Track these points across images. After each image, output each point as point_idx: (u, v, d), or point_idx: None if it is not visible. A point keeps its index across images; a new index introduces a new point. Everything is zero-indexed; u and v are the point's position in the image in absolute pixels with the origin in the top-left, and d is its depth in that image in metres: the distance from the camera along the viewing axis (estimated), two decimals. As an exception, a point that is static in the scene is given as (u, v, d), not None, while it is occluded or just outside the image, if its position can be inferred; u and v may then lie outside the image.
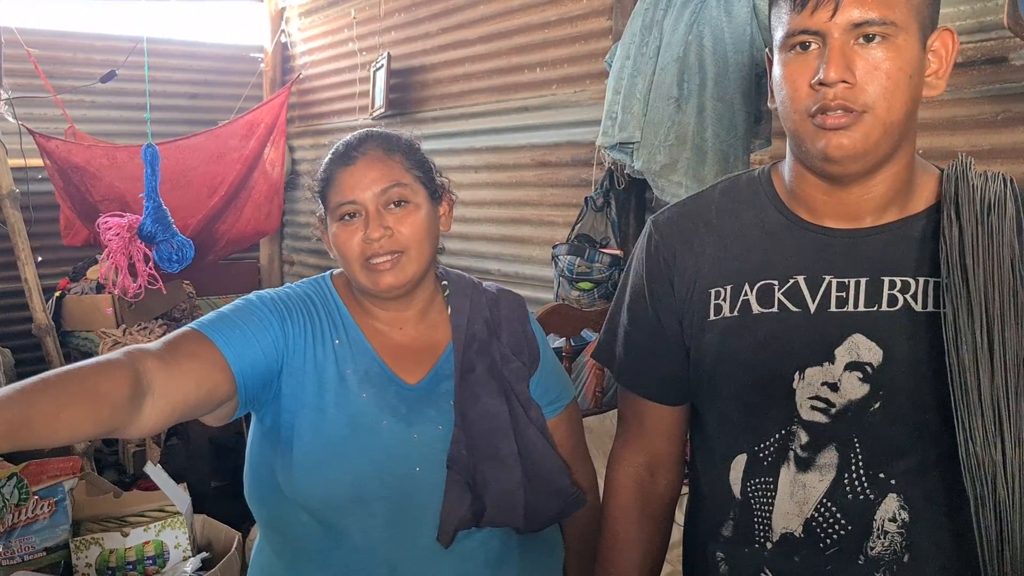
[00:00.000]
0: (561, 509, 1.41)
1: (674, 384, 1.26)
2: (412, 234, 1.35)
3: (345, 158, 1.38)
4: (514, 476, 1.35)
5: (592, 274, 3.19)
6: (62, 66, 5.31)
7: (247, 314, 1.32)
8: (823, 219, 1.14)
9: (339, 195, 1.36)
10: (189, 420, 1.30)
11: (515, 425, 1.38)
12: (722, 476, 1.20)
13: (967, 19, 2.53)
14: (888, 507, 1.09)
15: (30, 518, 2.00)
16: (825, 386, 1.10)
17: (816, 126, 1.05)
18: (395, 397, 1.35)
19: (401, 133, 1.44)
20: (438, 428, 1.35)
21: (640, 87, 2.52)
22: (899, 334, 1.08)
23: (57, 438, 1.03)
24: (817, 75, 1.02)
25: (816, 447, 1.11)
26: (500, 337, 1.45)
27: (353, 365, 1.35)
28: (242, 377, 1.26)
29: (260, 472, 1.37)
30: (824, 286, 1.11)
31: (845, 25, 1.01)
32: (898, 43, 1.01)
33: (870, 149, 1.04)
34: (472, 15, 4.36)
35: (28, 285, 3.53)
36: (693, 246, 1.21)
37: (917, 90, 1.05)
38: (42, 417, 0.98)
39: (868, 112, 1.02)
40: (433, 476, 1.32)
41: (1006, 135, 2.47)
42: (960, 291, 1.01)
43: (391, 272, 1.34)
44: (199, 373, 1.21)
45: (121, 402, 1.08)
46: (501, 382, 1.40)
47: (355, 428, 1.31)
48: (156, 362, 1.15)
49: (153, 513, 2.15)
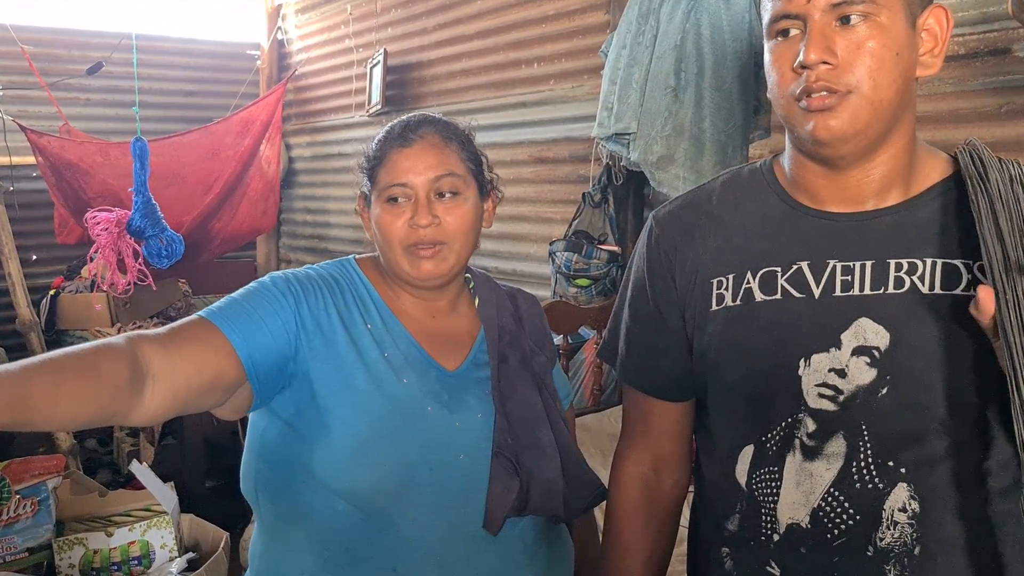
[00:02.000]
0: (591, 500, 1.41)
1: (678, 379, 1.24)
2: (459, 226, 1.32)
3: (402, 139, 1.33)
4: (554, 464, 1.34)
5: (590, 270, 3.19)
6: (57, 63, 5.30)
7: (257, 297, 1.27)
8: (825, 204, 1.11)
9: (391, 176, 1.32)
10: (200, 411, 1.24)
11: (549, 416, 1.38)
12: (728, 469, 1.17)
13: (970, 10, 2.51)
14: (898, 497, 1.05)
15: (12, 518, 1.96)
16: (832, 372, 1.07)
17: (803, 109, 1.03)
18: (436, 383, 1.32)
19: (459, 122, 1.41)
20: (478, 416, 1.32)
21: (636, 77, 2.49)
22: (907, 317, 1.05)
23: (58, 414, 0.99)
24: (798, 58, 1.01)
25: (824, 435, 1.08)
26: (525, 330, 1.44)
27: (393, 349, 1.32)
28: (251, 362, 1.21)
29: (278, 464, 1.31)
30: (828, 271, 1.09)
31: (824, 6, 1.00)
32: (881, 21, 1.00)
33: (860, 129, 1.02)
34: (468, 10, 4.36)
35: (12, 280, 3.49)
36: (694, 238, 1.19)
37: (908, 69, 1.03)
38: (42, 393, 0.94)
39: (853, 92, 1.01)
40: (477, 464, 1.30)
41: (1010, 127, 2.45)
42: (996, 256, 0.96)
43: (431, 261, 1.31)
44: (201, 357, 1.16)
45: (122, 384, 1.04)
46: (533, 374, 1.40)
47: (402, 412, 1.28)
48: (155, 346, 1.11)
49: (139, 512, 2.11)
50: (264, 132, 4.89)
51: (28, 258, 5.14)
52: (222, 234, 4.91)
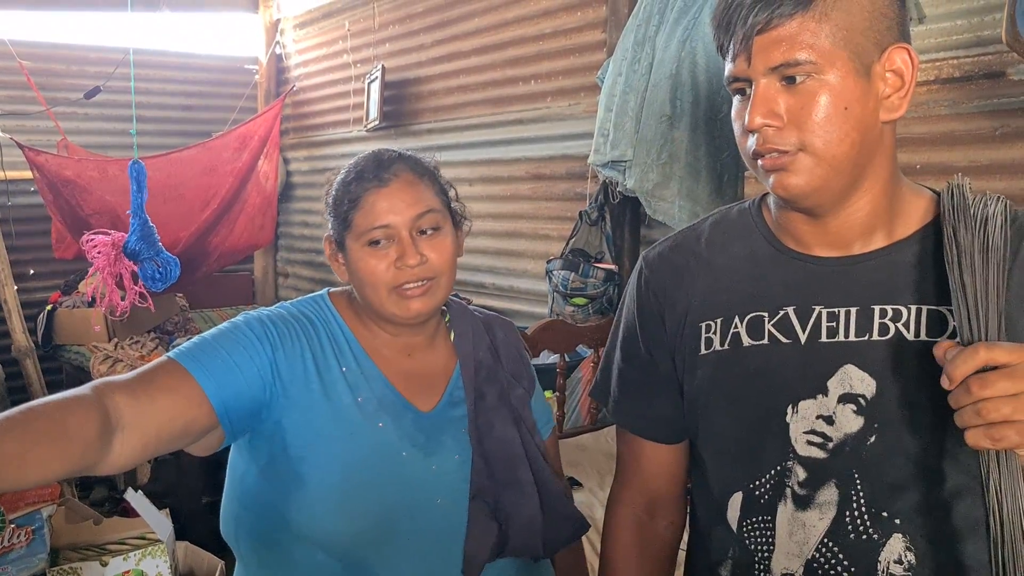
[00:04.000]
0: (571, 534, 1.40)
1: (669, 422, 1.24)
2: (443, 261, 1.31)
3: (377, 180, 1.30)
4: (533, 503, 1.33)
5: (586, 289, 3.19)
6: (55, 78, 5.30)
7: (232, 341, 1.24)
8: (811, 248, 1.11)
9: (371, 218, 1.28)
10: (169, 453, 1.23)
11: (527, 452, 1.36)
12: (720, 514, 1.17)
13: (964, 33, 2.52)
14: (893, 548, 1.04)
15: (6, 547, 1.95)
16: (820, 419, 1.06)
17: (761, 167, 1.04)
18: (412, 425, 1.30)
19: (423, 156, 1.40)
20: (455, 457, 1.31)
21: (632, 104, 2.50)
22: (892, 364, 1.04)
23: (26, 479, 0.97)
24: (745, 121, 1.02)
25: (815, 484, 1.07)
26: (503, 363, 1.42)
27: (367, 392, 1.30)
28: (224, 409, 1.19)
29: (259, 511, 1.29)
30: (814, 316, 1.08)
31: (763, 70, 1.00)
32: (825, 78, 0.98)
33: (818, 186, 1.02)
34: (466, 27, 4.37)
35: (7, 307, 3.47)
36: (683, 280, 1.19)
37: (864, 118, 1.01)
38: (7, 459, 0.93)
39: (804, 151, 1.00)
40: (455, 507, 1.28)
41: (1004, 150, 2.45)
42: (963, 313, 0.96)
43: (421, 299, 1.29)
44: (173, 408, 1.15)
45: (90, 438, 1.03)
46: (510, 409, 1.38)
47: (379, 459, 1.26)
48: (125, 397, 1.10)
49: (134, 541, 2.10)
50: (262, 147, 4.89)
51: (25, 272, 5.14)
52: (220, 249, 4.91)
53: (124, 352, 4.50)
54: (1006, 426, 0.84)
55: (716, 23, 1.04)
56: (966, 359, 0.87)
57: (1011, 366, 0.85)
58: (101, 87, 4.64)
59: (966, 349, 0.88)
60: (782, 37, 0.98)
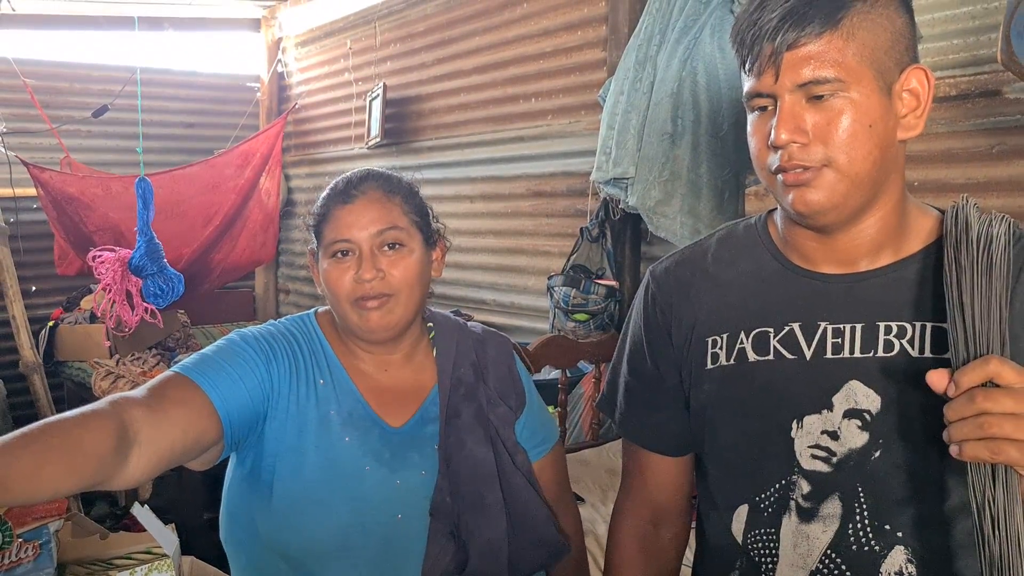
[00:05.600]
0: (546, 559, 1.40)
1: (675, 434, 1.25)
2: (403, 278, 1.34)
3: (344, 196, 1.36)
4: (499, 525, 1.33)
5: (588, 305, 3.21)
6: (59, 96, 5.34)
7: (232, 356, 1.29)
8: (818, 265, 1.13)
9: (334, 232, 1.34)
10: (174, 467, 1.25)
11: (501, 472, 1.37)
12: (726, 526, 1.18)
13: (960, 52, 2.55)
14: (895, 560, 1.06)
15: (13, 562, 1.96)
16: (825, 434, 1.08)
17: (781, 183, 1.05)
18: (378, 441, 1.32)
19: (402, 175, 1.43)
20: (421, 474, 1.32)
21: (634, 123, 2.52)
22: (896, 381, 1.06)
23: (38, 495, 1.00)
24: (770, 137, 1.03)
25: (819, 497, 1.09)
26: (487, 380, 1.43)
27: (337, 406, 1.33)
28: (228, 421, 1.23)
29: (238, 517, 1.34)
30: (820, 332, 1.10)
31: (791, 86, 1.01)
32: (851, 96, 1.00)
33: (839, 202, 1.03)
34: (467, 46, 4.40)
35: (16, 323, 3.52)
36: (690, 296, 1.21)
37: (885, 136, 1.03)
38: (21, 476, 0.95)
39: (828, 166, 1.02)
40: (416, 523, 1.30)
41: (1002, 168, 2.48)
42: (959, 331, 0.98)
43: (378, 312, 1.32)
44: (186, 421, 1.18)
45: (106, 455, 1.05)
46: (487, 428, 1.39)
47: (337, 473, 1.29)
48: (143, 411, 1.13)
49: (140, 555, 2.11)
50: (264, 165, 4.93)
51: (28, 289, 5.15)
52: (222, 265, 4.93)
53: (126, 368, 4.51)
54: (1006, 443, 0.85)
55: (739, 39, 1.05)
56: (976, 368, 0.88)
57: (1017, 387, 0.86)
58: (109, 105, 4.67)
59: (978, 360, 0.89)
60: (811, 55, 0.99)
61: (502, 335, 1.53)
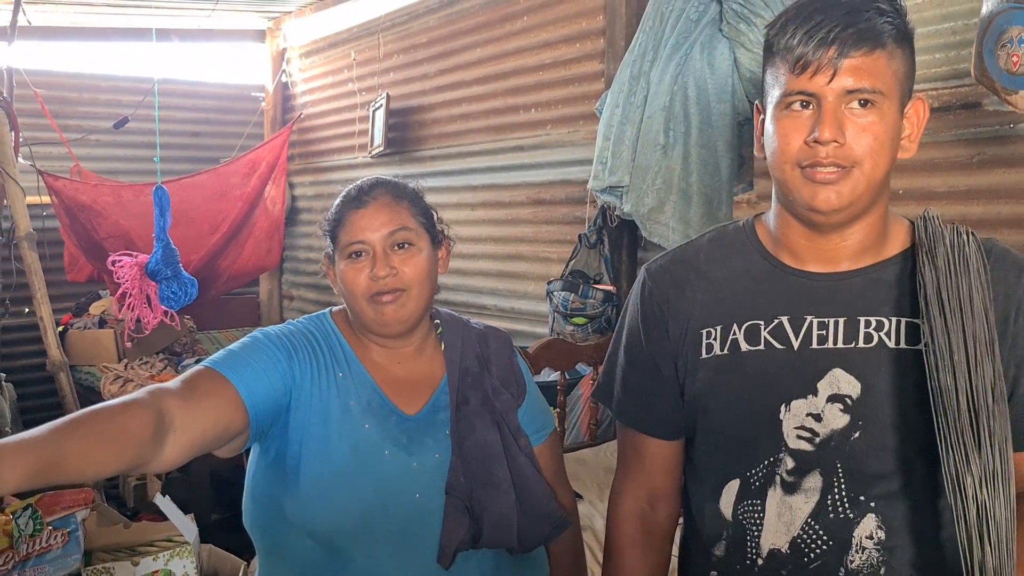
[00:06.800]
0: (550, 531, 1.49)
1: (670, 419, 1.35)
2: (414, 274, 1.45)
3: (357, 201, 1.47)
4: (508, 500, 1.43)
5: (586, 309, 3.26)
6: (68, 106, 5.41)
7: (257, 352, 1.40)
8: (805, 264, 1.24)
9: (349, 235, 1.45)
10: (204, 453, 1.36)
11: (507, 453, 1.47)
12: (714, 501, 1.29)
13: (942, 66, 2.65)
14: (867, 526, 1.18)
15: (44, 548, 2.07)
16: (810, 417, 1.20)
17: (806, 178, 1.15)
18: (396, 427, 1.43)
19: (408, 183, 1.55)
20: (435, 456, 1.43)
21: (629, 134, 2.63)
22: (875, 369, 1.18)
23: (84, 476, 1.10)
24: (812, 133, 1.13)
25: (802, 472, 1.20)
26: (491, 371, 1.54)
27: (356, 397, 1.43)
28: (254, 412, 1.34)
29: (264, 501, 1.44)
30: (806, 325, 1.21)
31: (840, 91, 1.12)
32: (883, 109, 1.13)
33: (854, 201, 1.15)
34: (469, 57, 4.48)
35: (44, 323, 3.66)
36: (685, 292, 1.31)
37: (895, 151, 1.17)
38: (73, 457, 1.05)
39: (856, 168, 1.13)
40: (432, 501, 1.40)
41: (982, 176, 2.58)
42: (938, 323, 1.11)
43: (392, 306, 1.43)
44: (217, 410, 1.29)
45: (145, 440, 1.15)
46: (493, 413, 1.49)
47: (360, 458, 1.39)
48: (177, 401, 1.23)
49: (162, 543, 2.21)
50: (270, 173, 5.02)
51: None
52: (228, 272, 5.02)
53: (134, 372, 4.60)
54: None
55: (789, 40, 1.14)
56: None
57: None
58: (128, 118, 4.77)
59: None
60: (863, 66, 1.12)
61: (501, 331, 1.64)
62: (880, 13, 1.13)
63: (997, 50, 2.01)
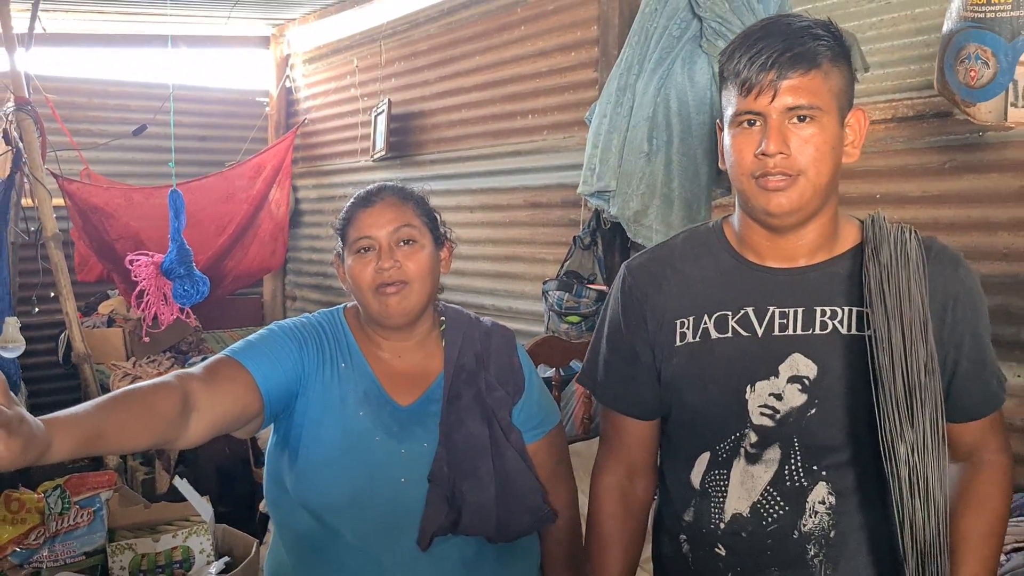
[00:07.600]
0: (531, 524, 1.57)
1: (648, 401, 1.49)
2: (417, 269, 1.56)
3: (365, 201, 1.59)
4: (489, 492, 1.52)
5: (580, 308, 3.33)
6: (78, 110, 5.53)
7: (272, 343, 1.53)
8: (767, 260, 1.39)
9: (357, 231, 1.57)
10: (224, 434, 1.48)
11: (494, 447, 1.56)
12: (686, 472, 1.43)
13: (916, 77, 2.77)
14: (819, 492, 1.33)
15: (71, 526, 2.21)
16: (772, 396, 1.34)
17: (760, 187, 1.30)
18: (388, 416, 1.54)
19: (414, 187, 1.66)
20: (424, 445, 1.52)
21: (615, 142, 2.75)
22: (830, 353, 1.33)
23: (122, 447, 1.24)
24: (760, 147, 1.28)
25: (763, 445, 1.35)
26: (488, 368, 1.62)
27: (354, 386, 1.55)
28: (268, 397, 1.47)
29: (274, 477, 1.57)
30: (769, 315, 1.36)
31: (781, 108, 1.27)
32: (822, 122, 1.27)
33: (803, 205, 1.30)
34: (468, 65, 4.57)
35: (69, 318, 3.91)
36: (662, 287, 1.45)
37: (839, 158, 1.31)
38: (113, 430, 1.17)
39: (801, 175, 1.28)
40: (418, 488, 1.50)
41: (953, 182, 2.69)
42: (879, 311, 1.26)
43: (396, 297, 1.53)
44: (235, 394, 1.42)
45: (173, 418, 1.28)
46: (485, 408, 1.57)
47: (350, 441, 1.50)
48: (200, 384, 1.36)
49: (180, 522, 2.35)
50: (275, 177, 5.11)
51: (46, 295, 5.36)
52: (234, 272, 5.12)
53: (142, 370, 4.72)
54: None
55: (737, 67, 1.29)
56: None
57: None
58: (147, 125, 4.88)
59: None
60: (801, 86, 1.26)
61: (508, 329, 1.72)
62: (815, 37, 1.27)
63: (956, 65, 2.12)
